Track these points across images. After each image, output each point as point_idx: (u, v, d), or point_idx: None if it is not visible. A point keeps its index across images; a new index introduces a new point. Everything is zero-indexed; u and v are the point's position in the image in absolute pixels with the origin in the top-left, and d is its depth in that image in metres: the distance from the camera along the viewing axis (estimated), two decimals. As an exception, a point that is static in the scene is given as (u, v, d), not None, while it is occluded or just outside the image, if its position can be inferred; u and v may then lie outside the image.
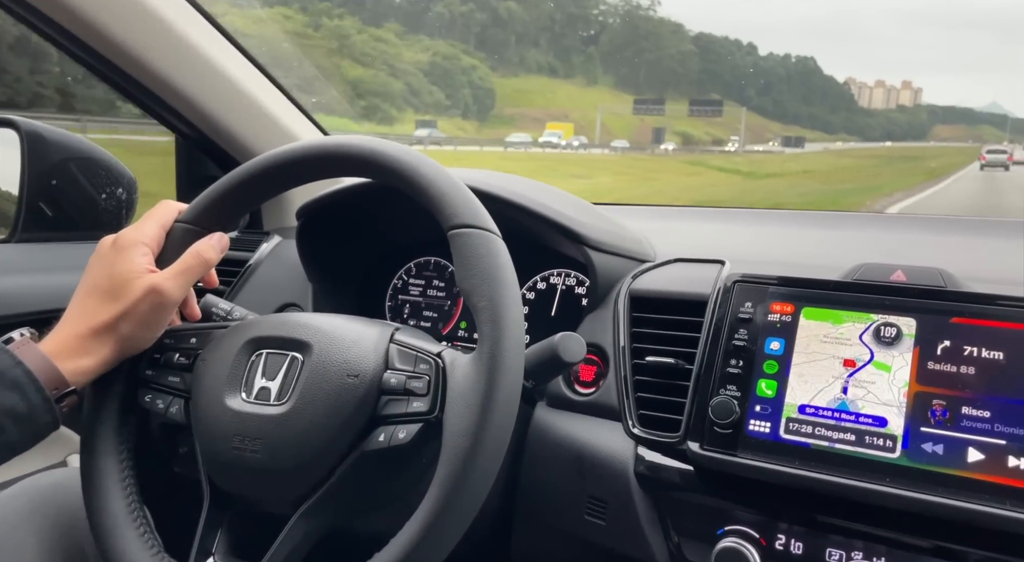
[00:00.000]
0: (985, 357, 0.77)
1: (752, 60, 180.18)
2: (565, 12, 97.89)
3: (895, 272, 0.87)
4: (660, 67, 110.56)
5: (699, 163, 40.39)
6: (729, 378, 0.85)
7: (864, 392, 0.80)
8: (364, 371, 0.69)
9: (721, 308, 0.89)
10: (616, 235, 1.07)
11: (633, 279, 1.01)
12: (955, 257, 1.04)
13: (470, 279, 0.68)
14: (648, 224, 1.24)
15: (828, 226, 1.33)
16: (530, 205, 1.02)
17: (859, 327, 0.83)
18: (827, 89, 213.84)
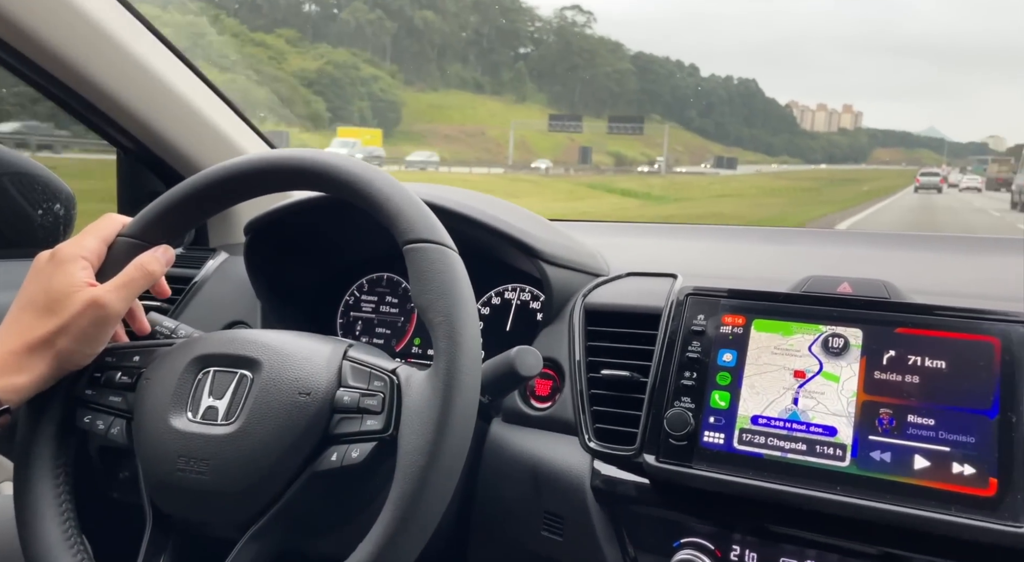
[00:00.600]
0: (929, 366, 0.80)
1: (694, 81, 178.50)
2: (494, 26, 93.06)
3: (841, 284, 0.89)
4: (596, 85, 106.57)
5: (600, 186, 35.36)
6: (683, 390, 0.86)
7: (814, 402, 0.82)
8: (316, 389, 0.67)
9: (674, 321, 0.91)
10: (571, 249, 1.08)
11: (588, 293, 1.02)
12: (898, 270, 1.06)
13: (426, 294, 0.66)
14: (602, 239, 1.26)
15: (776, 241, 1.37)
16: (486, 219, 1.02)
17: (808, 338, 0.85)
18: (769, 111, 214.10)
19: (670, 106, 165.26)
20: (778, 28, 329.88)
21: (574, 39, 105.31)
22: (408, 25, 74.03)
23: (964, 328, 0.80)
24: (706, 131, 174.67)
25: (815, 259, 1.23)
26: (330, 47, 60.29)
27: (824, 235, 1.49)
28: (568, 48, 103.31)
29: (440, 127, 65.46)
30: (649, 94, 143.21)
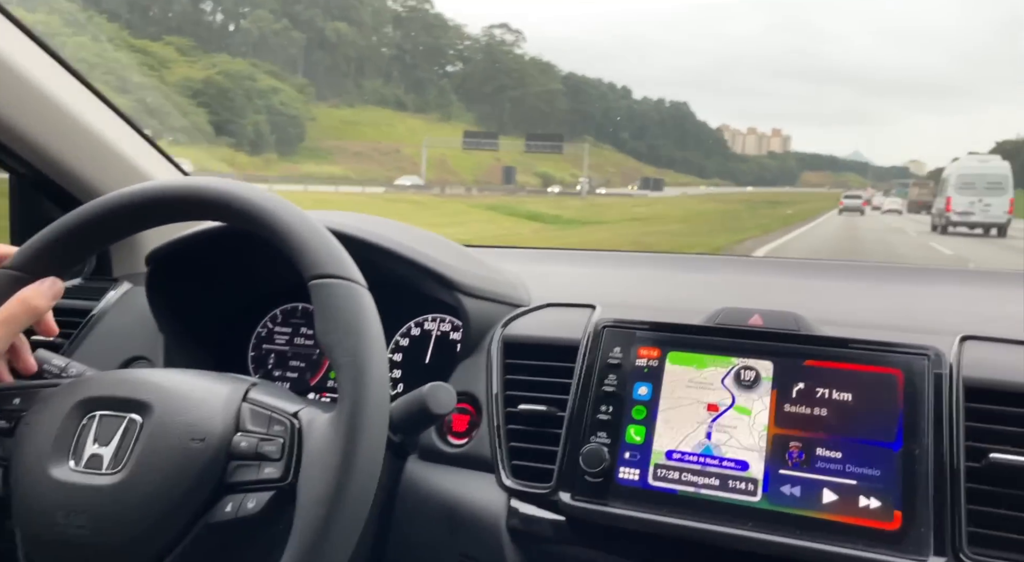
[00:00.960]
0: (836, 398, 0.80)
1: (626, 103, 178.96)
2: (416, 42, 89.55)
3: (753, 316, 0.89)
4: (525, 105, 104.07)
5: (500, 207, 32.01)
6: (599, 425, 0.85)
7: (727, 436, 0.82)
8: (211, 434, 0.63)
9: (591, 354, 0.90)
10: (489, 280, 1.06)
11: (506, 324, 1.00)
12: (810, 299, 1.10)
13: (331, 333, 0.63)
14: (523, 267, 1.25)
15: (695, 269, 1.39)
16: (399, 249, 1.00)
17: (721, 371, 0.85)
18: (701, 134, 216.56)
19: (602, 128, 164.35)
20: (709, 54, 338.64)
21: (502, 58, 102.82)
22: (319, 37, 69.80)
23: (869, 360, 0.81)
24: (639, 153, 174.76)
25: (731, 288, 1.24)
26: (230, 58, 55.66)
27: (740, 263, 1.51)
28: (496, 67, 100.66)
29: (351, 144, 61.34)
30: (580, 115, 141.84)
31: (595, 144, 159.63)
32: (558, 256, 1.50)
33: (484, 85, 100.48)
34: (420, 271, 0.99)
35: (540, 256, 1.49)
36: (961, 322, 1.00)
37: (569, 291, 1.08)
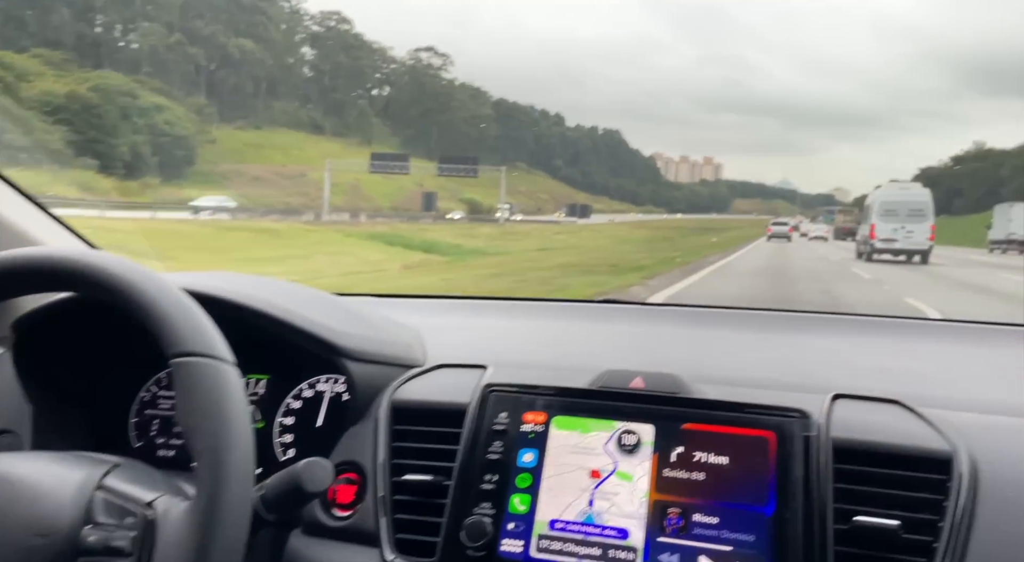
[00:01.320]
0: (713, 463, 0.80)
1: (559, 131, 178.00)
2: (335, 63, 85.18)
3: (635, 379, 0.89)
4: (453, 130, 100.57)
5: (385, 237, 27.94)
6: (484, 495, 0.83)
7: (609, 504, 0.81)
8: (57, 529, 0.58)
9: (477, 419, 0.88)
10: (377, 341, 1.03)
11: (396, 389, 0.98)
12: (696, 353, 1.12)
13: (190, 416, 0.60)
14: (427, 319, 1.23)
15: (593, 318, 1.40)
16: (274, 312, 0.95)
17: (604, 436, 0.85)
18: (634, 162, 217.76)
19: (535, 154, 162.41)
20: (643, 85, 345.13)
21: (428, 82, 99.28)
22: (221, 54, 64.73)
23: (743, 423, 0.81)
24: (573, 180, 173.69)
25: (622, 340, 1.24)
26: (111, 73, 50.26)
27: (634, 312, 1.50)
28: (422, 91, 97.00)
29: (250, 168, 56.36)
30: (512, 141, 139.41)
31: (528, 171, 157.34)
32: (460, 306, 1.51)
33: (409, 109, 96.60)
34: (297, 335, 0.95)
35: (443, 306, 1.49)
36: (839, 376, 1.02)
37: (467, 347, 1.07)
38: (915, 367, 1.12)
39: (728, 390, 0.89)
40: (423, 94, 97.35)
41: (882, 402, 0.89)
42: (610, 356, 1.01)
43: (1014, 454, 0.82)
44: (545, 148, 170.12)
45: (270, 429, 1.04)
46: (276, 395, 1.05)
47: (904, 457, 0.81)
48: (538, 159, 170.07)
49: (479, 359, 0.99)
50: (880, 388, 0.93)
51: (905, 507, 0.78)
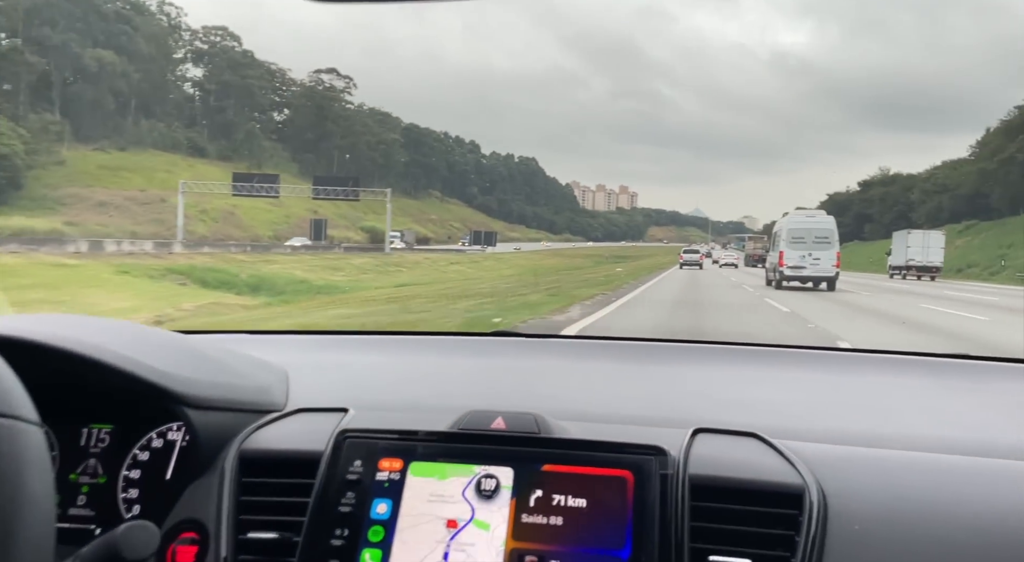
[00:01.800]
0: (572, 505, 0.78)
1: (474, 158, 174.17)
2: (219, 80, 78.06)
3: (496, 419, 0.86)
4: (358, 155, 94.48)
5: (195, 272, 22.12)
6: (332, 552, 0.79)
7: (465, 556, 0.78)
8: None
9: (330, 468, 0.83)
10: (226, 386, 0.96)
11: (248, 436, 0.92)
12: (566, 388, 1.10)
13: None
14: (299, 356, 1.18)
15: (474, 353, 1.36)
16: (104, 358, 0.86)
17: (462, 481, 0.81)
18: (551, 190, 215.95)
19: (450, 182, 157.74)
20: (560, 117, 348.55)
21: (328, 104, 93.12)
22: (75, 65, 57.03)
23: (602, 463, 0.79)
24: (489, 208, 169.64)
25: (492, 375, 1.21)
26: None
27: (510, 344, 1.46)
28: (321, 113, 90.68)
29: (98, 192, 48.87)
30: (424, 168, 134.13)
31: (442, 199, 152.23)
32: (336, 342, 1.44)
33: (307, 132, 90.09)
34: (129, 381, 0.87)
35: (319, 343, 1.42)
36: (704, 408, 1.02)
37: (335, 388, 1.03)
38: (778, 397, 1.12)
39: (592, 427, 0.87)
40: (322, 117, 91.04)
41: (741, 436, 0.89)
42: (481, 394, 1.00)
43: (862, 486, 0.82)
44: (460, 176, 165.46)
45: (114, 484, 0.95)
46: (122, 446, 0.97)
47: (759, 492, 0.81)
48: (453, 187, 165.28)
49: (345, 400, 0.94)
50: (741, 421, 0.93)
51: (759, 544, 0.78)
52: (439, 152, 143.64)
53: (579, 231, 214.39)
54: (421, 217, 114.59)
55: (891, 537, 0.77)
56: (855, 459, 0.87)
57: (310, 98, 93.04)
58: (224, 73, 78.55)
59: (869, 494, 0.81)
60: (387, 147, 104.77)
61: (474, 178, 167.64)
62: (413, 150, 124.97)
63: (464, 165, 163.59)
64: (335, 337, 1.50)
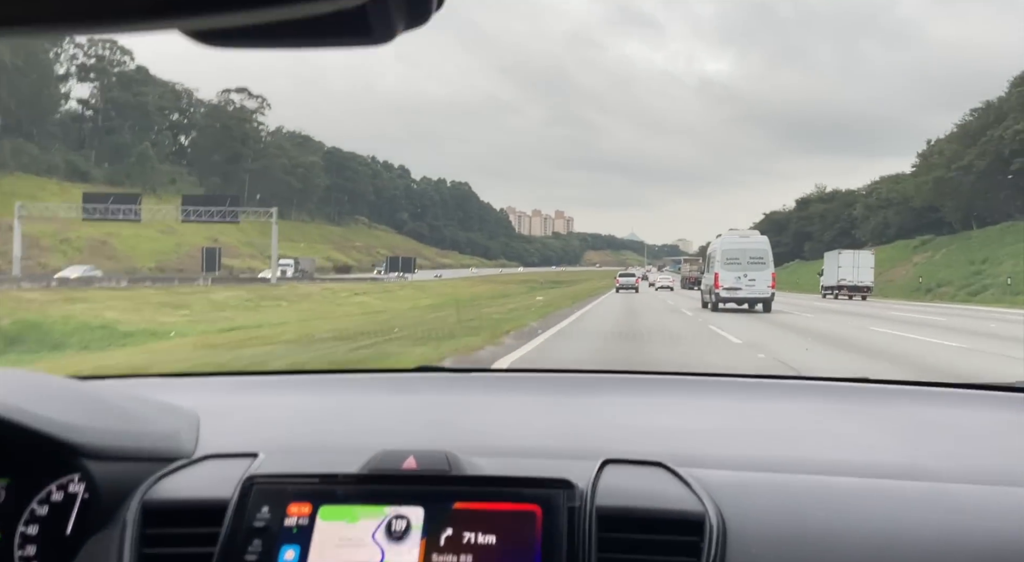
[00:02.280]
0: (481, 543, 0.78)
1: (404, 183, 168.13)
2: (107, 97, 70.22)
3: (407, 459, 0.85)
4: (271, 179, 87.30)
5: None
6: None
7: None
8: None
9: (236, 516, 0.81)
10: (127, 433, 0.93)
11: (152, 486, 0.89)
12: (482, 423, 1.12)
13: None
14: (213, 399, 1.17)
15: (396, 389, 1.36)
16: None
17: (373, 524, 0.80)
18: (485, 215, 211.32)
19: (377, 207, 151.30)
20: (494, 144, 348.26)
21: (238, 125, 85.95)
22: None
23: (511, 498, 0.79)
24: (420, 234, 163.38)
25: (407, 412, 1.21)
26: None
27: (431, 380, 1.45)
28: (228, 134, 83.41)
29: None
30: (349, 194, 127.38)
31: (370, 225, 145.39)
32: (252, 383, 1.39)
33: (214, 154, 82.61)
34: (19, 433, 0.83)
35: (233, 384, 1.38)
36: (614, 438, 1.04)
37: (248, 431, 1.01)
38: (686, 425, 1.15)
39: (505, 462, 0.87)
40: (230, 138, 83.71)
41: (648, 465, 0.90)
42: (397, 432, 0.99)
43: (760, 510, 0.84)
44: (389, 201, 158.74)
45: (10, 541, 0.91)
46: (20, 500, 0.92)
47: (664, 521, 0.82)
48: (381, 212, 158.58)
49: (257, 444, 0.92)
50: (649, 450, 0.94)
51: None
52: (364, 176, 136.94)
53: (514, 256, 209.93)
54: (344, 244, 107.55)
55: (786, 559, 0.78)
56: (755, 484, 0.89)
57: (217, 118, 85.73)
58: (113, 90, 70.90)
59: (766, 519, 0.83)
60: (305, 170, 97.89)
61: (404, 203, 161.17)
62: (336, 174, 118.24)
63: (393, 190, 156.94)
64: (253, 378, 1.47)
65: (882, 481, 0.90)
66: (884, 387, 1.40)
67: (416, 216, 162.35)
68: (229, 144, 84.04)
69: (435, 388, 1.37)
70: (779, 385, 1.44)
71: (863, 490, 0.88)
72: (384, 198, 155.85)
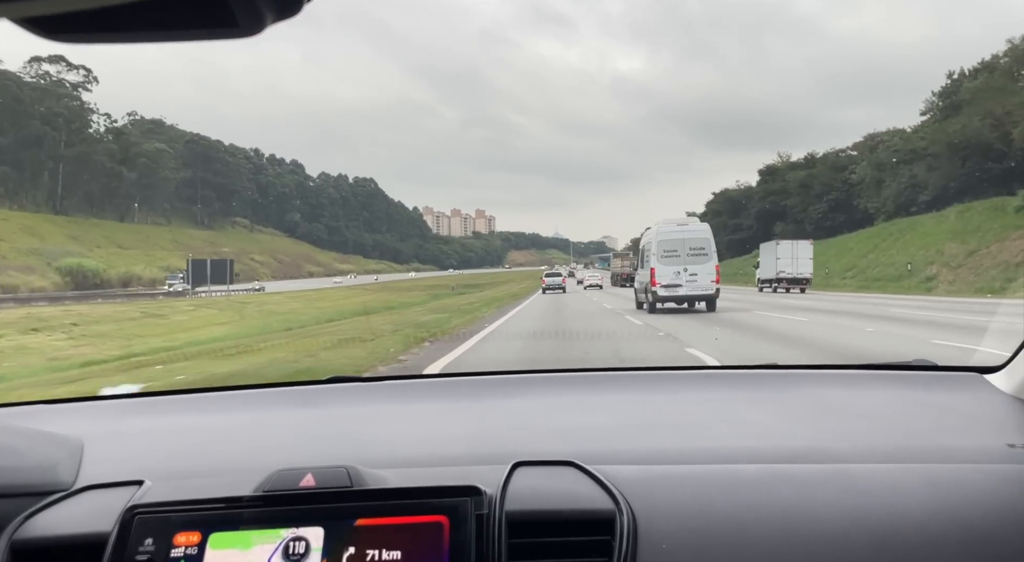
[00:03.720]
0: (386, 559, 0.75)
1: (296, 179, 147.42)
2: None
3: (305, 477, 0.80)
4: (92, 168, 67.01)
5: None
6: None
7: None
8: None
9: (117, 550, 0.76)
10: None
11: (23, 522, 0.82)
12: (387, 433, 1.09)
13: None
14: (97, 426, 1.11)
15: (293, 404, 1.29)
16: None
17: (268, 549, 0.76)
18: (395, 215, 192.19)
19: (262, 207, 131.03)
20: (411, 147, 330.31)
21: (46, 100, 65.27)
22: None
23: (417, 510, 0.76)
24: (316, 237, 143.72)
25: (320, 427, 1.15)
26: None
27: (345, 392, 1.37)
28: (24, 111, 62.67)
29: None
30: (219, 190, 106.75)
31: (250, 228, 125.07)
32: (143, 406, 1.31)
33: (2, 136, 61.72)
34: None
35: (121, 408, 1.29)
36: (526, 440, 1.03)
37: (136, 458, 0.96)
38: (597, 422, 1.13)
39: (412, 473, 0.84)
40: (26, 116, 63.03)
41: (559, 465, 0.89)
42: (298, 449, 0.95)
43: (670, 504, 0.84)
44: (277, 200, 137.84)
45: None
46: None
47: (575, 521, 0.81)
48: (268, 213, 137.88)
49: (144, 471, 0.87)
50: (559, 450, 0.93)
51: None
52: (242, 171, 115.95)
53: (429, 259, 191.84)
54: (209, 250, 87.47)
55: (695, 550, 0.78)
56: (664, 478, 0.89)
57: (10, 93, 64.92)
58: None
59: (675, 512, 0.83)
60: (149, 160, 77.90)
61: (296, 203, 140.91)
62: (201, 167, 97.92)
63: (281, 188, 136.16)
64: (146, 400, 1.37)
65: (786, 466, 0.91)
66: (789, 372, 1.41)
67: (311, 217, 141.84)
68: (25, 124, 63.40)
69: (344, 400, 1.29)
70: (689, 376, 1.43)
71: (768, 476, 0.89)
72: (270, 197, 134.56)
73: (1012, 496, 0.84)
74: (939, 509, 0.82)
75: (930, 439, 1.02)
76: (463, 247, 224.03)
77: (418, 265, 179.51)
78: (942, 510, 0.82)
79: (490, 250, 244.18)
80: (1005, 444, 0.97)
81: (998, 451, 0.95)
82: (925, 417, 1.13)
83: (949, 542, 0.78)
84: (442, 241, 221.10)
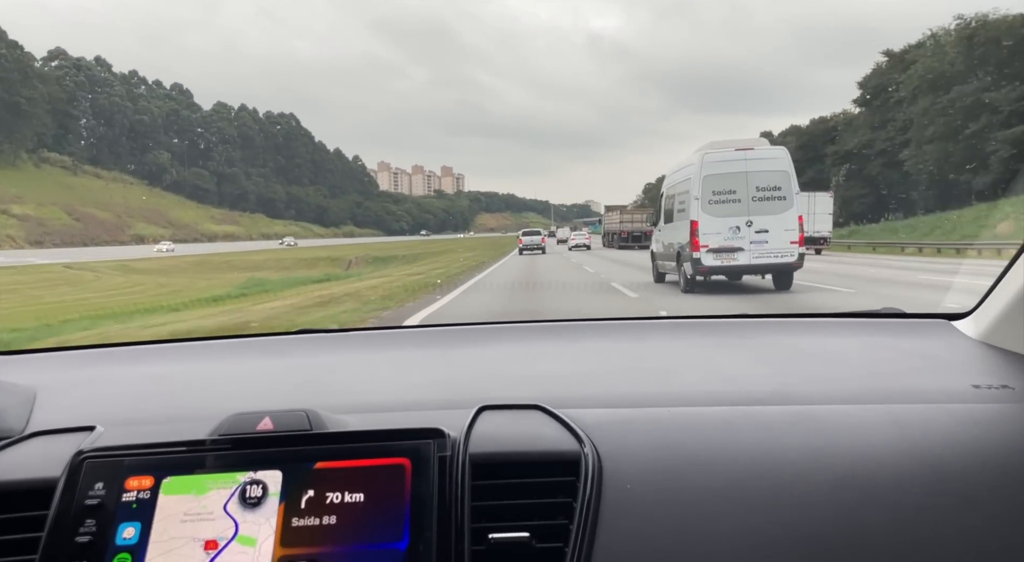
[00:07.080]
0: (347, 502, 0.74)
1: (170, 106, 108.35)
2: None
3: (263, 420, 0.80)
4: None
5: None
6: None
7: None
8: None
9: (65, 495, 0.76)
10: None
11: None
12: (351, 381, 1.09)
13: None
14: (51, 376, 1.12)
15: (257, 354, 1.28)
16: None
17: (224, 493, 0.75)
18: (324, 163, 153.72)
19: (108, 139, 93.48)
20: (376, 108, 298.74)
21: None
22: None
23: (378, 453, 0.76)
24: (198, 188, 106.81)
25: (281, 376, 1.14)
26: None
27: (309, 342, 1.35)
28: None
29: None
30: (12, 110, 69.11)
31: (76, 166, 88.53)
32: (97, 356, 1.30)
33: None
34: None
35: (77, 359, 1.28)
36: (492, 387, 1.03)
37: (88, 405, 0.96)
38: (565, 369, 1.14)
39: (375, 417, 0.85)
40: None
41: (525, 409, 0.89)
42: (258, 396, 0.94)
43: (635, 445, 0.85)
44: (136, 132, 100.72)
45: None
46: None
47: (540, 463, 0.81)
48: (119, 149, 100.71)
49: (96, 417, 0.87)
50: (526, 394, 0.94)
51: (540, 515, 0.77)
52: (72, 87, 79.07)
53: (371, 222, 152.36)
54: None
55: (660, 490, 0.79)
56: (630, 420, 0.89)
57: None
58: None
59: (640, 452, 0.84)
60: None
61: (164, 138, 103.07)
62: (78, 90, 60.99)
63: (138, 114, 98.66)
64: (104, 350, 1.34)
65: (752, 408, 0.92)
66: (759, 321, 1.40)
67: (192, 159, 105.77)
68: None
69: (311, 350, 1.29)
70: (659, 324, 1.41)
71: (733, 417, 0.90)
72: (119, 126, 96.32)
73: (976, 435, 0.86)
74: (904, 448, 0.83)
75: (896, 381, 1.02)
76: (419, 207, 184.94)
77: (352, 229, 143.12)
78: (907, 449, 0.83)
79: (453, 211, 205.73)
80: (970, 385, 0.98)
81: (963, 392, 0.96)
82: (892, 361, 1.13)
83: (914, 479, 0.80)
84: (390, 199, 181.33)
